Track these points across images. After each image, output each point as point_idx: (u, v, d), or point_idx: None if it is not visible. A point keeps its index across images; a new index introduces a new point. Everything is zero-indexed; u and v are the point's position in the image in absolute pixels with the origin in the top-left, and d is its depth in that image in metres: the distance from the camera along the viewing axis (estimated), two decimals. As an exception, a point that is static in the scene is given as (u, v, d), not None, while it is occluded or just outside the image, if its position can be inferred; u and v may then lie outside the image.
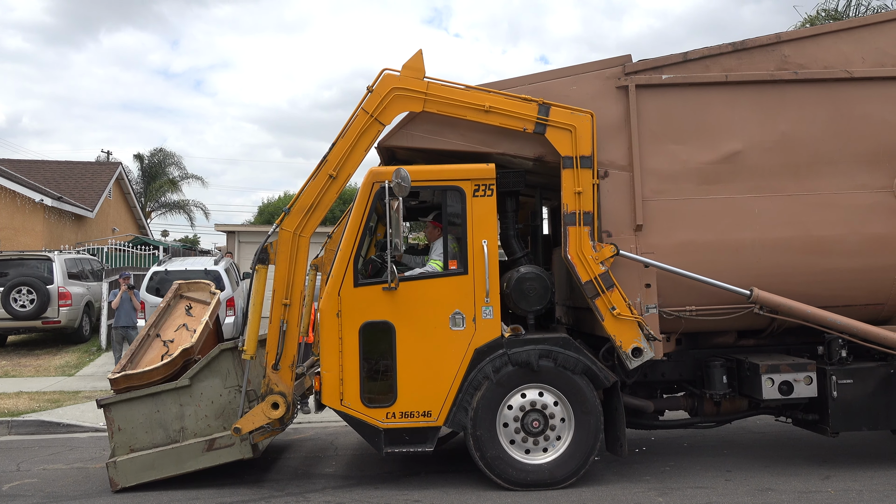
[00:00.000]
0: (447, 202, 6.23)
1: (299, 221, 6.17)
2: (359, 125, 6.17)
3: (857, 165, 6.33)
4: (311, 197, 6.17)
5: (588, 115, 6.11)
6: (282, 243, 6.16)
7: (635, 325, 6.04)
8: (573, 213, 6.07)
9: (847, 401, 6.10)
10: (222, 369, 6.38)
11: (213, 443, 6.27)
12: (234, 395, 6.34)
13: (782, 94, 6.36)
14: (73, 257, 17.00)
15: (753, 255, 6.23)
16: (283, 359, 6.13)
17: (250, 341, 6.14)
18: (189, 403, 6.35)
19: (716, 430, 7.34)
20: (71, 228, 23.59)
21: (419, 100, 6.18)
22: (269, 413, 6.05)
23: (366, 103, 6.18)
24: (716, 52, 6.40)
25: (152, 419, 6.35)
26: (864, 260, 6.25)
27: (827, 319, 6.10)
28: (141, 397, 6.35)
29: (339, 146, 6.17)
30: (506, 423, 6.01)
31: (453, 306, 6.08)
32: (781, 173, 6.31)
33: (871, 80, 6.36)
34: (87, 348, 15.50)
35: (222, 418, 6.34)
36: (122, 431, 6.35)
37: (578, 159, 6.10)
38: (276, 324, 6.10)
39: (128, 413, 6.36)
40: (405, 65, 6.21)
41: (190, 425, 6.34)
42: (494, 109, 6.16)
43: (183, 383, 6.34)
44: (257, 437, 6.21)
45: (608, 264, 6.03)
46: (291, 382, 6.17)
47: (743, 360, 6.39)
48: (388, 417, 6.03)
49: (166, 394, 6.34)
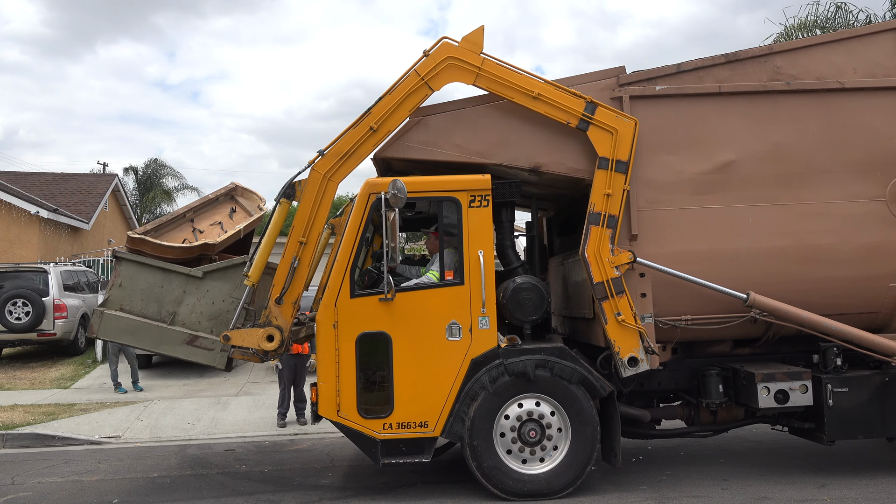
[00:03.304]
0: (443, 213, 6.26)
1: (332, 165, 6.22)
2: (408, 85, 6.23)
3: (850, 175, 6.37)
4: (348, 144, 6.23)
5: (632, 121, 6.16)
6: (310, 183, 6.21)
7: (637, 334, 6.06)
8: (598, 214, 6.11)
9: (842, 409, 6.12)
10: (236, 279, 6.42)
11: (195, 339, 6.33)
12: (234, 307, 6.35)
13: (775, 105, 6.41)
14: (68, 269, 16.95)
15: (748, 264, 6.26)
16: (288, 294, 6.17)
17: (256, 269, 6.23)
18: (192, 294, 6.40)
19: (712, 440, 7.35)
20: (67, 240, 23.55)
21: (472, 73, 6.23)
22: (262, 342, 6.11)
23: (419, 66, 6.23)
24: (709, 64, 6.45)
25: (153, 292, 6.41)
26: (858, 268, 6.28)
27: (822, 325, 6.13)
28: (153, 267, 6.43)
29: (385, 101, 6.22)
30: (503, 433, 6.01)
31: (450, 317, 6.09)
32: (775, 183, 6.35)
33: (862, 91, 6.42)
34: (82, 361, 15.44)
35: (214, 322, 6.38)
36: (122, 288, 6.43)
37: (614, 162, 6.14)
38: (289, 259, 6.15)
39: (135, 274, 6.43)
40: (465, 37, 6.28)
41: (183, 314, 6.38)
42: (543, 97, 6.19)
43: (196, 273, 6.40)
44: (236, 354, 6.28)
45: (623, 270, 6.06)
46: (291, 319, 6.22)
47: (739, 368, 6.41)
48: (384, 428, 6.02)
49: (176, 275, 6.42)
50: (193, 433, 9.57)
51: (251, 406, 11.16)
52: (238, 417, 10.41)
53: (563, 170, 6.36)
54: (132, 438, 9.39)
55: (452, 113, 6.43)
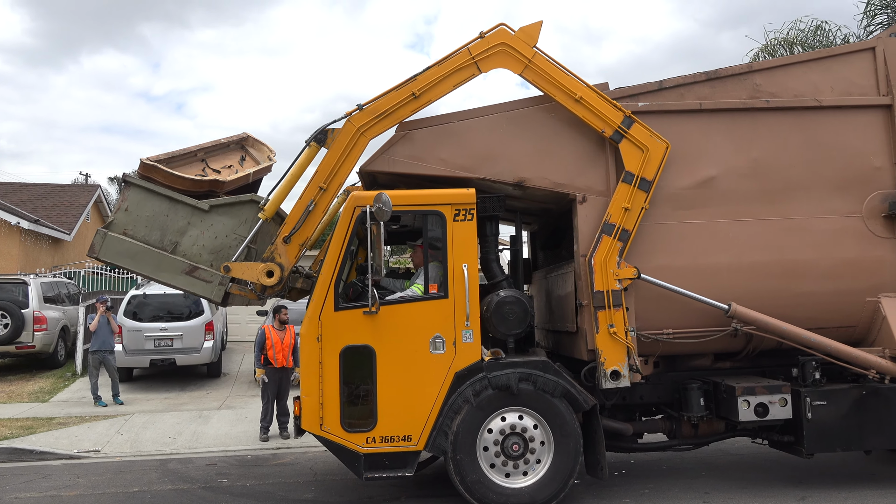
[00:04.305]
0: (428, 226, 6.28)
1: (367, 121, 6.29)
2: (457, 61, 6.33)
3: (828, 191, 6.49)
4: (387, 105, 6.30)
5: (665, 144, 6.26)
6: (343, 132, 6.29)
7: (625, 349, 6.12)
8: (613, 225, 6.20)
9: (821, 422, 6.18)
10: (241, 216, 6.48)
11: (194, 270, 6.39)
12: (236, 243, 6.42)
13: (755, 122, 6.52)
14: (49, 281, 16.78)
15: (729, 278, 6.33)
16: (297, 235, 6.27)
17: (272, 205, 6.34)
18: (196, 226, 6.45)
19: (694, 453, 7.40)
20: (47, 251, 23.29)
21: (521, 63, 6.33)
22: (262, 277, 6.18)
23: (472, 45, 6.33)
24: (690, 81, 6.55)
25: (158, 220, 6.46)
26: (836, 283, 6.38)
27: (802, 336, 6.22)
28: (161, 194, 6.47)
29: (433, 72, 6.33)
30: (486, 446, 6.02)
31: (434, 330, 6.10)
32: (755, 198, 6.45)
33: (839, 109, 6.55)
34: (61, 374, 15.24)
35: (215, 256, 6.43)
36: (127, 213, 6.48)
37: (639, 179, 6.23)
38: (305, 201, 6.26)
39: (142, 201, 6.47)
40: (522, 28, 6.38)
41: (185, 245, 6.44)
42: (584, 102, 6.29)
43: (203, 206, 6.46)
44: (234, 289, 6.35)
45: (624, 284, 6.13)
46: (294, 261, 6.30)
47: (719, 382, 6.46)
48: (368, 442, 6.01)
49: (183, 206, 6.47)
50: (174, 447, 9.47)
51: (233, 420, 11.07)
52: (220, 431, 10.32)
53: (547, 185, 6.42)
54: (112, 453, 9.27)
55: (438, 127, 6.48)
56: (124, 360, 13.71)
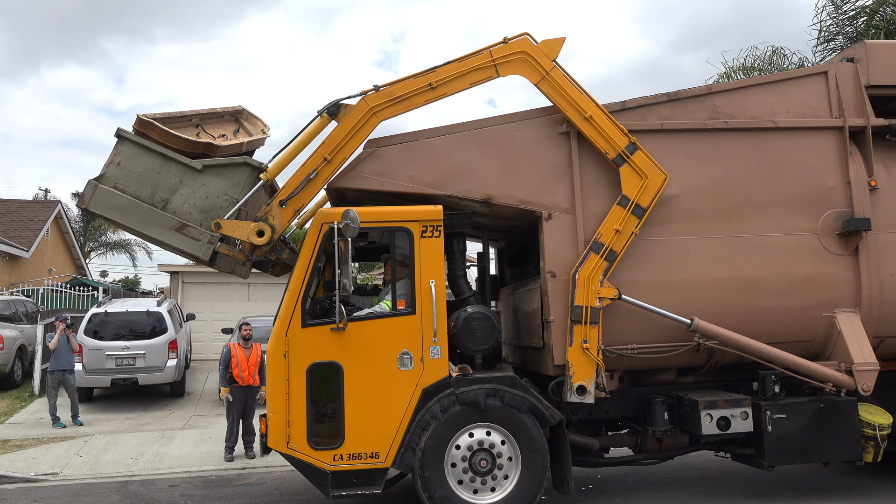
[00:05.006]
0: (396, 243, 6.31)
1: (381, 102, 6.37)
2: (478, 61, 6.44)
3: (785, 209, 6.68)
4: (403, 90, 6.39)
5: (663, 175, 6.42)
6: (356, 109, 6.37)
7: (595, 367, 6.19)
8: (602, 244, 6.31)
9: (781, 435, 6.32)
10: (234, 178, 6.50)
11: (184, 227, 6.38)
12: (227, 205, 6.43)
13: (714, 142, 6.70)
14: (5, 299, 16.35)
15: (691, 294, 6.46)
16: (294, 200, 6.31)
17: (275, 167, 6.44)
18: (187, 185, 6.45)
19: (660, 467, 7.49)
20: (5, 269, 22.71)
21: (539, 73, 6.45)
22: (252, 236, 6.21)
23: (495, 49, 6.46)
24: (652, 102, 6.72)
25: (150, 176, 6.44)
26: (793, 299, 6.56)
27: (761, 350, 6.37)
28: (154, 151, 6.45)
29: (452, 66, 6.42)
30: (454, 462, 6.02)
31: (401, 346, 6.11)
32: (716, 216, 6.61)
33: (794, 130, 6.77)
34: (18, 394, 14.80)
35: (205, 215, 6.43)
36: (119, 167, 6.45)
37: (634, 205, 6.36)
38: (307, 169, 6.31)
39: (135, 156, 6.45)
40: (545, 40, 6.52)
41: (175, 203, 6.43)
42: (593, 121, 6.41)
43: (196, 165, 6.45)
44: (222, 248, 6.36)
45: (604, 303, 6.22)
46: (286, 225, 6.32)
47: (683, 396, 6.57)
48: (335, 460, 5.97)
49: (176, 164, 6.45)
50: (136, 468, 9.27)
51: (197, 440, 10.87)
52: (184, 451, 10.12)
53: (513, 202, 6.50)
54: (71, 475, 9.03)
55: (406, 145, 6.53)
56: (84, 380, 13.38)
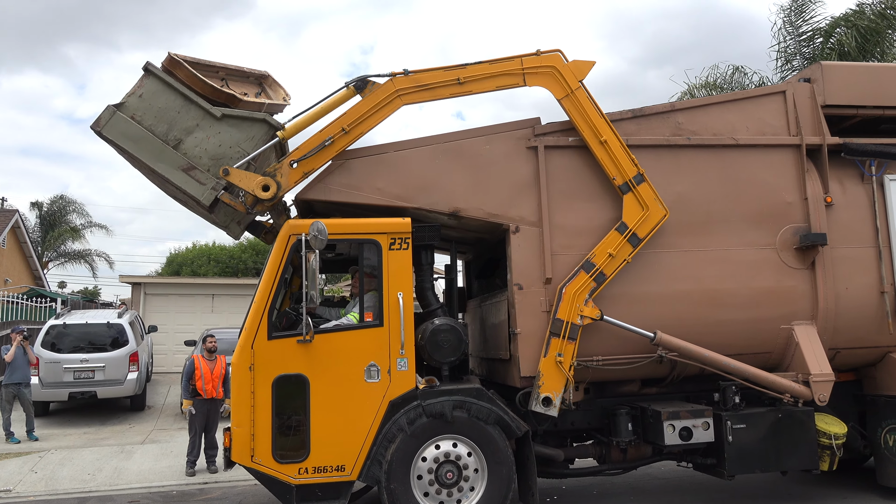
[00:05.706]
0: (364, 255, 6.31)
1: (407, 87, 6.45)
2: (506, 67, 6.57)
3: (746, 224, 6.85)
4: (430, 79, 6.49)
5: (664, 212, 6.55)
6: (382, 89, 6.44)
7: (564, 381, 6.25)
8: (593, 265, 6.40)
9: (741, 444, 6.44)
10: (250, 132, 6.49)
11: (192, 169, 6.37)
12: (238, 157, 6.40)
13: (677, 158, 6.85)
14: (-41, 310, 15.87)
15: (657, 307, 6.57)
16: (304, 163, 6.32)
17: (294, 127, 6.47)
18: (203, 129, 6.44)
19: (623, 477, 7.56)
20: (-42, 279, 22.04)
21: (564, 90, 6.60)
22: (257, 189, 6.21)
23: (526, 58, 6.60)
24: (617, 118, 6.84)
25: (168, 114, 6.43)
26: (754, 311, 6.71)
27: (722, 363, 6.50)
28: (177, 90, 6.45)
29: (483, 67, 6.55)
30: (420, 475, 6.01)
31: (368, 358, 6.10)
32: (680, 231, 6.75)
33: (754, 147, 6.95)
34: (-30, 408, 14.35)
35: (214, 162, 6.41)
36: (141, 99, 6.44)
37: (632, 233, 6.46)
38: (324, 135, 6.36)
39: (158, 92, 6.45)
40: (575, 60, 6.68)
41: (188, 144, 6.42)
42: (607, 146, 6.54)
43: (215, 112, 6.45)
44: (225, 196, 6.34)
45: (585, 321, 6.30)
46: (292, 185, 6.33)
47: (646, 407, 6.67)
48: (300, 473, 5.91)
49: (196, 107, 6.45)
50: (94, 484, 9.03)
51: (158, 454, 10.66)
52: (143, 466, 9.91)
53: (481, 215, 6.55)
54: (25, 492, 8.77)
55: (374, 157, 6.55)
56: (41, 394, 13.05)
